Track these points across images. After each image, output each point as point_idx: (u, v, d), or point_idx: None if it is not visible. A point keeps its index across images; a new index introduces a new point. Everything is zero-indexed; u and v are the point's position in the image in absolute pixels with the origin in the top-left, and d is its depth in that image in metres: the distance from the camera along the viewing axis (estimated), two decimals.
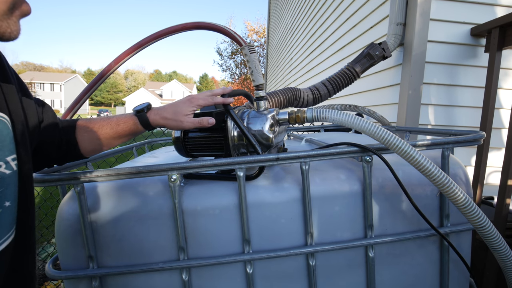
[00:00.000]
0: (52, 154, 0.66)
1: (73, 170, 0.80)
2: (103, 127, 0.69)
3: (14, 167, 0.46)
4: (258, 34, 19.63)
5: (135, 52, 1.00)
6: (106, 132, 0.69)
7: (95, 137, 0.69)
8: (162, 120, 0.69)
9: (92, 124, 0.69)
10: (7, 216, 0.44)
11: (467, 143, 0.72)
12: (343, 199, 0.71)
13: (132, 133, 0.71)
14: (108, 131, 0.69)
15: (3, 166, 0.44)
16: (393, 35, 1.66)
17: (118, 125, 0.69)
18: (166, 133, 2.53)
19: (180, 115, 0.69)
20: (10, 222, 0.45)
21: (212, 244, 0.70)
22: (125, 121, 0.69)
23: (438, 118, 1.70)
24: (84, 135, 0.68)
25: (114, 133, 0.69)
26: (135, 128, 0.69)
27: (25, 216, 0.50)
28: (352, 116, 0.66)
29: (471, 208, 0.62)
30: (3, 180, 0.44)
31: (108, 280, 0.70)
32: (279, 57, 6.89)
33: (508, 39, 1.40)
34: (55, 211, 0.72)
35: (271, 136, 0.71)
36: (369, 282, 0.73)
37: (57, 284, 2.10)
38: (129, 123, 0.69)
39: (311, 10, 3.81)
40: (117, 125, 0.69)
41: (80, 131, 0.69)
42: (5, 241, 0.44)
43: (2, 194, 0.44)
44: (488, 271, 1.33)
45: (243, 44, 0.78)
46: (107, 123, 0.69)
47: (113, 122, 0.69)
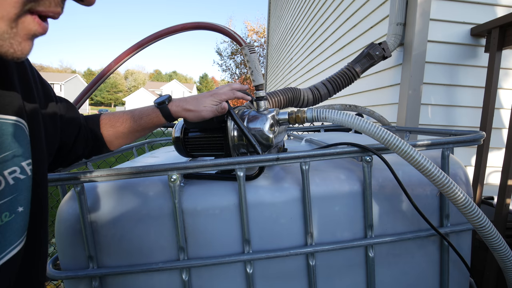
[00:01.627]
0: (78, 150, 0.69)
1: (73, 170, 0.80)
2: (127, 121, 0.71)
3: (29, 172, 0.46)
4: (258, 34, 19.63)
5: (135, 52, 1.00)
6: (130, 126, 0.71)
7: (120, 131, 0.72)
8: (184, 112, 0.70)
9: (116, 119, 0.72)
10: (19, 221, 0.44)
11: (467, 143, 0.72)
12: (343, 199, 0.71)
13: (155, 126, 0.73)
14: (131, 125, 0.71)
15: (18, 171, 0.44)
16: (393, 35, 1.66)
17: (141, 118, 0.71)
18: (166, 133, 2.53)
19: (202, 107, 0.70)
20: (22, 228, 0.44)
21: (212, 244, 0.70)
22: (148, 114, 0.71)
23: (438, 118, 1.70)
24: (109, 130, 0.72)
25: (138, 126, 0.72)
26: (157, 120, 0.71)
27: (38, 221, 0.49)
28: (352, 116, 0.66)
29: (471, 208, 0.62)
30: (17, 185, 0.43)
31: (108, 280, 0.70)
32: (279, 57, 6.89)
33: (508, 39, 1.40)
34: (55, 211, 0.72)
35: (271, 136, 0.71)
36: (369, 282, 0.73)
37: (57, 284, 2.10)
38: (152, 116, 0.71)
39: (311, 10, 3.81)
40: (140, 118, 0.71)
41: (105, 127, 0.71)
42: (16, 247, 0.43)
43: (15, 199, 0.43)
44: (488, 271, 1.33)
45: (243, 44, 0.78)
46: (130, 117, 0.71)
47: (136, 115, 0.71)
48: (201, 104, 0.70)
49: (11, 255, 0.42)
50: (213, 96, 0.72)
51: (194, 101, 0.71)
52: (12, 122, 0.43)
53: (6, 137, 0.42)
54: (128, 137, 0.73)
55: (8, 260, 0.42)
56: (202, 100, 0.71)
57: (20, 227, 0.44)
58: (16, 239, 0.43)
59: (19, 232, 0.44)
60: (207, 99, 0.71)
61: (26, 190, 0.45)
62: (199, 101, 0.71)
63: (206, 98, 0.71)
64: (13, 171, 0.43)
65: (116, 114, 0.73)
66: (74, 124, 0.66)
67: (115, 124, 0.71)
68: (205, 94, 0.73)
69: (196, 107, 0.70)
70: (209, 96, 0.71)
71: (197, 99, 0.71)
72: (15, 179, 0.43)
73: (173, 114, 0.71)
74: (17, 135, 0.44)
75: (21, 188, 0.44)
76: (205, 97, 0.71)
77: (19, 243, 0.44)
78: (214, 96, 0.72)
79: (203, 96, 0.72)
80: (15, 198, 0.43)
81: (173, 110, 0.70)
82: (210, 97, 0.71)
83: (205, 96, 0.72)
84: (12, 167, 0.43)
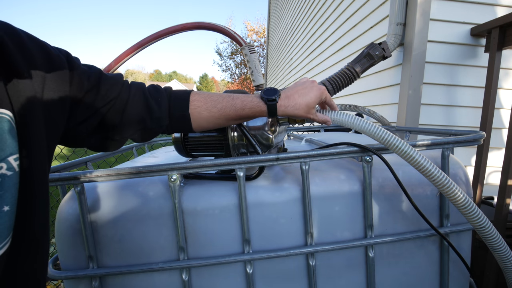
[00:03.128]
0: (133, 130, 0.62)
1: (73, 170, 0.80)
2: (226, 109, 0.66)
3: (16, 168, 0.43)
4: (258, 34, 19.64)
5: (135, 52, 1.00)
6: (228, 114, 0.66)
7: (215, 117, 0.67)
8: (293, 111, 0.66)
9: (214, 104, 0.66)
10: (4, 221, 0.41)
11: (467, 143, 0.72)
12: (343, 199, 0.71)
13: (254, 118, 0.70)
14: (231, 114, 0.66)
15: (4, 167, 0.41)
16: (393, 35, 1.66)
17: (243, 109, 0.66)
18: None
19: (311, 108, 0.66)
20: (7, 228, 0.42)
21: (212, 244, 0.70)
22: (251, 106, 0.66)
23: (438, 118, 1.70)
24: (202, 113, 0.66)
25: (236, 116, 0.67)
26: (259, 114, 0.67)
27: (26, 221, 0.46)
28: (352, 116, 0.66)
29: (470, 208, 0.62)
30: (3, 183, 0.41)
31: (108, 280, 0.70)
32: (279, 57, 6.89)
33: (508, 39, 1.40)
34: (55, 211, 0.71)
35: (271, 136, 0.71)
36: (369, 282, 0.73)
37: (57, 284, 2.10)
38: (256, 110, 0.66)
39: (311, 10, 3.81)
40: (242, 109, 0.66)
41: (198, 109, 0.65)
42: (0, 249, 0.41)
43: (0, 198, 0.40)
44: (488, 271, 1.33)
45: (243, 44, 0.78)
46: (231, 106, 0.66)
47: (237, 105, 0.66)
48: (310, 105, 0.65)
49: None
50: (320, 93, 0.67)
51: (304, 101, 0.65)
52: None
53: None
54: (221, 124, 0.68)
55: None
56: (310, 97, 0.66)
57: (4, 228, 0.41)
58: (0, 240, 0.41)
59: (4, 233, 0.41)
60: (314, 96, 0.66)
61: (12, 188, 0.42)
62: (308, 101, 0.65)
63: (314, 94, 0.66)
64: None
65: (213, 97, 0.67)
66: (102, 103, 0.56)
67: (211, 109, 0.66)
68: (312, 87, 0.67)
69: (306, 108, 0.65)
70: (317, 92, 0.66)
71: (305, 97, 0.66)
72: (1, 175, 0.40)
73: (280, 113, 0.66)
74: (2, 129, 0.40)
75: (8, 185, 0.41)
76: (313, 92, 0.66)
77: (4, 245, 0.41)
78: (321, 94, 0.67)
79: (311, 91, 0.66)
80: (1, 197, 0.40)
81: (281, 110, 0.65)
82: (317, 94, 0.66)
83: (312, 91, 0.66)
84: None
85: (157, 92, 0.66)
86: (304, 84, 0.69)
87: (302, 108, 0.65)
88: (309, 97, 0.66)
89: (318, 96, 0.67)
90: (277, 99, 0.65)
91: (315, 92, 0.67)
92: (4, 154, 0.41)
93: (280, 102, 0.65)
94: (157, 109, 0.63)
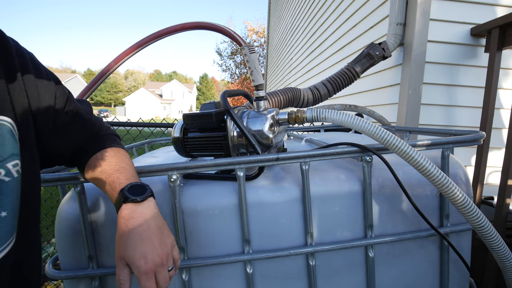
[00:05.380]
0: (65, 161, 0.63)
1: (73, 170, 0.80)
2: (101, 181, 0.59)
3: (15, 174, 0.43)
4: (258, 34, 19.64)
5: (135, 52, 1.00)
6: (99, 184, 0.60)
7: (92, 178, 0.61)
8: (118, 238, 0.53)
9: (100, 172, 0.59)
10: (2, 227, 0.42)
11: (467, 143, 0.72)
12: (343, 199, 0.71)
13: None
14: (100, 185, 0.60)
15: (2, 173, 0.41)
16: (393, 35, 1.66)
17: (105, 190, 0.58)
18: (166, 133, 2.53)
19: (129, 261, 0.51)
20: (6, 233, 0.42)
21: (212, 244, 0.70)
22: (110, 191, 0.56)
23: (438, 118, 1.70)
24: (88, 172, 0.62)
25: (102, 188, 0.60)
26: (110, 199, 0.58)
27: (27, 225, 0.47)
28: (351, 116, 0.66)
29: (470, 208, 0.62)
30: (1, 188, 0.41)
31: (108, 280, 0.70)
32: (279, 57, 6.89)
33: (508, 39, 1.40)
34: (55, 211, 0.71)
35: (271, 136, 0.71)
36: (369, 282, 0.73)
37: (57, 284, 2.10)
38: (110, 195, 0.57)
39: (311, 10, 3.81)
40: (106, 190, 0.58)
41: (91, 167, 0.61)
42: (0, 253, 0.42)
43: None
44: (488, 271, 1.33)
45: (243, 44, 0.78)
46: (105, 180, 0.58)
47: (108, 185, 0.57)
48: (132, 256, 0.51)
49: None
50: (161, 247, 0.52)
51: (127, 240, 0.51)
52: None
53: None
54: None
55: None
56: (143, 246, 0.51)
57: (4, 233, 0.42)
58: (0, 244, 0.41)
59: (3, 238, 0.42)
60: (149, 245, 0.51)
61: (11, 193, 0.42)
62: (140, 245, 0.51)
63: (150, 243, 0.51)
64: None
65: (104, 169, 0.59)
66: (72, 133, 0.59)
67: (95, 173, 0.60)
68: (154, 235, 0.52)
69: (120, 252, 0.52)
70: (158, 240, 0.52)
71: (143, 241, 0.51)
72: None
73: (118, 217, 0.54)
74: (4, 136, 0.41)
75: (6, 191, 0.42)
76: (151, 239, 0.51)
77: (4, 248, 0.42)
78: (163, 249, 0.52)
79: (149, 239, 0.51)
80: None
81: (120, 216, 0.53)
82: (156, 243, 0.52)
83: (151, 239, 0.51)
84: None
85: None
86: (161, 229, 0.54)
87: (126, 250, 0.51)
88: (144, 248, 0.50)
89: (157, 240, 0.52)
90: (128, 201, 0.53)
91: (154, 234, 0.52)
92: (3, 161, 0.41)
93: (124, 208, 0.53)
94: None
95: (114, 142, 0.66)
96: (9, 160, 0.43)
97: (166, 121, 2.21)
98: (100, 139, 0.64)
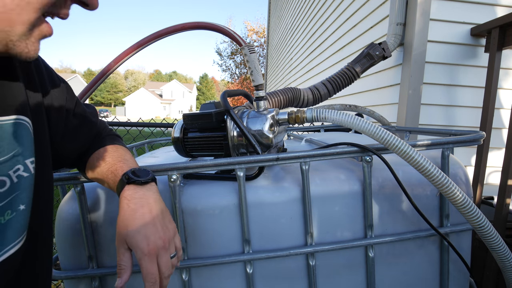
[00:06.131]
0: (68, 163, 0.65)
1: (73, 170, 0.80)
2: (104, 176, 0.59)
3: (32, 170, 0.46)
4: (258, 34, 19.64)
5: (135, 51, 1.00)
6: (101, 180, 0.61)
7: (93, 177, 0.63)
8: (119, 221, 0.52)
9: (99, 170, 0.60)
10: (20, 220, 0.44)
11: (467, 143, 0.72)
12: (343, 199, 0.71)
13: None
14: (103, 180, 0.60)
15: (22, 168, 0.44)
16: (393, 35, 1.66)
17: (107, 182, 0.59)
18: (166, 133, 2.53)
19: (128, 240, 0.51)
20: (22, 226, 0.44)
21: (212, 244, 0.70)
22: (113, 180, 0.57)
23: (438, 118, 1.70)
24: (89, 172, 0.63)
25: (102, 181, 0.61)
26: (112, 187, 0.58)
27: (39, 220, 0.48)
28: (351, 116, 0.66)
29: (469, 208, 0.62)
30: (20, 183, 0.44)
31: (108, 280, 0.70)
32: (279, 57, 6.89)
33: (508, 39, 1.40)
34: (55, 211, 0.72)
35: (270, 136, 0.71)
36: (369, 282, 0.73)
37: (57, 284, 2.10)
38: (113, 184, 0.57)
39: (311, 10, 3.81)
40: (107, 182, 0.58)
41: (91, 165, 0.62)
42: (16, 245, 0.43)
43: (17, 197, 0.43)
44: (488, 271, 1.33)
45: (242, 44, 0.78)
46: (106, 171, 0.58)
47: (110, 176, 0.57)
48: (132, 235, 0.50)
49: (10, 254, 0.42)
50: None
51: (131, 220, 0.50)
52: (14, 122, 0.44)
53: (10, 136, 0.43)
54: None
55: (6, 259, 0.42)
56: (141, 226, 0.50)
57: (20, 226, 0.44)
58: (16, 237, 0.43)
59: (20, 231, 0.44)
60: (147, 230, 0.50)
61: (28, 189, 0.45)
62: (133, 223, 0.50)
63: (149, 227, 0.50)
64: (17, 169, 0.43)
65: (106, 161, 0.60)
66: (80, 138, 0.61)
67: (97, 167, 0.60)
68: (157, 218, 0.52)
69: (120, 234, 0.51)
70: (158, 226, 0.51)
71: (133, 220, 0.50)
72: (18, 177, 0.44)
73: (119, 197, 0.54)
74: (21, 133, 0.44)
75: (24, 186, 0.44)
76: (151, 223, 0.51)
77: (19, 241, 0.44)
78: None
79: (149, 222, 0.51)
80: (17, 196, 0.43)
81: (121, 197, 0.53)
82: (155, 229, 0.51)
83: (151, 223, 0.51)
84: (16, 166, 0.43)
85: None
86: (164, 214, 0.54)
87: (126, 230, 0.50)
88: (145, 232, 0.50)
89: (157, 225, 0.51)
90: (130, 182, 0.53)
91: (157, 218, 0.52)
92: (23, 157, 0.45)
93: (127, 189, 0.53)
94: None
95: (116, 140, 0.68)
96: (28, 157, 0.45)
97: (166, 121, 2.21)
98: (103, 139, 0.66)
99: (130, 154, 0.65)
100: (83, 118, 0.62)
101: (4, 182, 0.42)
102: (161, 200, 0.56)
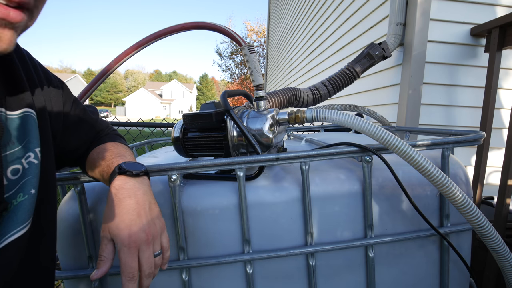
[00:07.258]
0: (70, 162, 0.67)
1: (73, 170, 0.80)
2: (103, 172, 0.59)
3: (40, 158, 0.49)
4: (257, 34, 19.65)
5: (135, 51, 1.00)
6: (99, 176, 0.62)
7: (92, 176, 0.64)
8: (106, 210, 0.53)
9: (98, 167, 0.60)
10: (30, 203, 0.46)
11: (467, 143, 0.72)
12: (343, 199, 0.71)
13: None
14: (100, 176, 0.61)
15: (32, 155, 0.47)
16: (393, 35, 1.66)
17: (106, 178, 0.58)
18: (166, 133, 2.54)
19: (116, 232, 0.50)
20: (30, 210, 0.46)
21: (212, 244, 0.70)
22: (107, 172, 0.57)
23: (438, 118, 1.70)
24: (89, 172, 0.64)
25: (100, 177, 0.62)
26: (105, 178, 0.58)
27: (43, 206, 0.51)
28: (351, 116, 0.66)
29: (469, 208, 0.62)
30: (31, 168, 0.47)
31: (108, 280, 0.70)
32: (279, 57, 6.89)
33: (508, 39, 1.40)
34: None
35: (270, 136, 0.71)
36: (369, 282, 0.73)
37: (57, 284, 2.10)
38: (106, 176, 0.57)
39: (311, 10, 3.81)
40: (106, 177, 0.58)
41: (89, 165, 0.62)
42: (25, 227, 0.45)
43: (29, 181, 0.46)
44: (488, 271, 1.33)
45: (242, 44, 0.78)
46: (103, 166, 0.59)
47: (105, 171, 0.58)
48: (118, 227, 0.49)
49: (20, 234, 0.45)
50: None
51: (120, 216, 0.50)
52: (23, 114, 0.47)
53: (22, 127, 0.46)
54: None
55: (17, 239, 0.44)
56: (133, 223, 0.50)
57: (30, 208, 0.46)
58: (26, 219, 0.46)
59: (29, 213, 0.46)
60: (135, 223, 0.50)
61: (37, 175, 0.48)
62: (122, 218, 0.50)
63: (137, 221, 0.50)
64: (28, 156, 0.47)
65: (104, 156, 0.60)
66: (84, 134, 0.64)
67: (95, 163, 0.61)
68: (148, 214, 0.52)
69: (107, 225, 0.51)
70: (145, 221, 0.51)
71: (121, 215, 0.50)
72: (29, 163, 0.47)
73: (110, 188, 0.54)
74: (30, 124, 0.48)
75: (34, 171, 0.47)
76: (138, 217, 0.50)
77: (27, 224, 0.46)
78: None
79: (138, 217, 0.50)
80: (29, 181, 0.46)
81: (113, 186, 0.53)
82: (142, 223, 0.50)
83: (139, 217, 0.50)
84: (28, 153, 0.47)
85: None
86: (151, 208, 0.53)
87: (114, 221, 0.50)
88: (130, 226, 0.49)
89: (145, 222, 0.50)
90: (121, 173, 0.53)
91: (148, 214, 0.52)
92: (32, 146, 0.48)
93: (118, 180, 0.53)
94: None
95: (117, 139, 0.69)
96: (36, 146, 0.48)
97: (166, 121, 2.21)
98: (104, 137, 0.68)
99: (130, 151, 0.66)
100: (82, 116, 0.64)
101: (18, 169, 0.45)
102: (151, 194, 0.56)
